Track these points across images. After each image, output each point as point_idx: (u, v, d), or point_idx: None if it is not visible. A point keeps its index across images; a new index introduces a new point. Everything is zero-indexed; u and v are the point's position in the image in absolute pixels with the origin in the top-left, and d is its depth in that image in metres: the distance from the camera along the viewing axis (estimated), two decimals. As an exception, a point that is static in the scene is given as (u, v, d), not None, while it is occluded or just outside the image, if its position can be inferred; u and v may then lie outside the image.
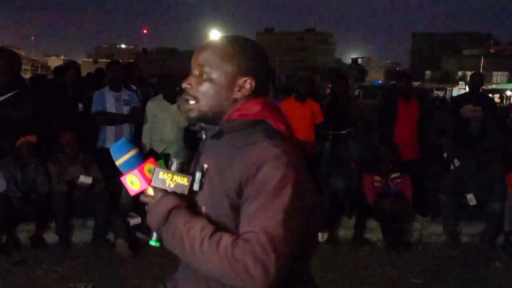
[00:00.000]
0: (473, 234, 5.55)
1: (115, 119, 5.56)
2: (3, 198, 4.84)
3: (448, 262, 5.00)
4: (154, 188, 1.36)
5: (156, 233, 1.37)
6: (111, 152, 1.41)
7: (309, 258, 1.44)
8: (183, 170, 1.38)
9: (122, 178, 1.39)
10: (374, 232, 5.47)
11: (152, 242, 1.39)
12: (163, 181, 1.35)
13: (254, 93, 1.41)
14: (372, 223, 5.48)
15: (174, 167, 1.38)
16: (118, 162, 1.39)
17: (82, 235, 5.18)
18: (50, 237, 5.05)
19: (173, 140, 5.74)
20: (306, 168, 1.35)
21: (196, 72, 1.43)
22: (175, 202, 1.33)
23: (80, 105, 5.65)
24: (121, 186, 5.24)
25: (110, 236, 5.08)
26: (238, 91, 1.40)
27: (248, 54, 1.41)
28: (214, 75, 1.40)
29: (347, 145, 6.06)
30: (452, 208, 5.45)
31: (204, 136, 1.47)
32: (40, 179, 5.08)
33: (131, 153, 1.38)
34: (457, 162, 5.66)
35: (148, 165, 1.38)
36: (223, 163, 1.32)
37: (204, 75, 1.41)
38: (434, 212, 5.66)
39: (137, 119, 5.67)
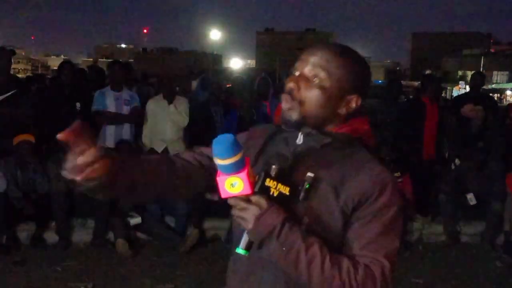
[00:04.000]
0: (473, 234, 5.55)
1: (115, 119, 5.56)
2: (3, 198, 4.84)
3: (448, 262, 5.00)
4: (258, 194, 1.24)
5: (249, 240, 1.26)
6: (216, 150, 1.20)
7: None
8: (282, 176, 1.27)
9: (219, 179, 1.23)
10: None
11: (240, 250, 1.27)
12: (268, 189, 1.25)
13: (355, 111, 1.37)
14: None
15: (274, 172, 1.26)
16: (222, 162, 1.20)
17: (82, 235, 5.17)
18: (50, 237, 5.05)
19: (173, 140, 5.74)
20: None
21: (307, 73, 1.32)
22: (285, 214, 1.24)
23: (78, 104, 5.65)
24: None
25: (110, 236, 5.08)
26: (344, 106, 1.35)
27: (361, 71, 1.36)
28: (328, 84, 1.31)
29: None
30: (452, 208, 5.45)
31: (301, 140, 1.36)
32: (40, 179, 5.09)
33: (240, 154, 1.21)
34: (458, 162, 5.67)
35: (250, 169, 1.25)
36: (337, 178, 1.29)
37: (317, 80, 1.31)
38: (434, 212, 5.66)
39: (137, 119, 5.68)
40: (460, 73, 68.85)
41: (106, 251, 4.91)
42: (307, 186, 1.26)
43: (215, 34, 56.32)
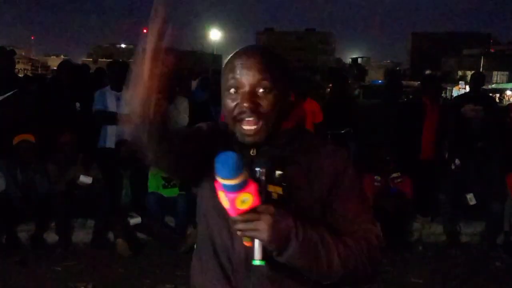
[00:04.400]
0: (473, 234, 5.56)
1: (115, 119, 5.56)
2: (3, 198, 4.84)
3: (448, 262, 5.00)
4: (265, 203, 1.21)
5: (262, 250, 1.22)
6: (221, 171, 1.15)
7: None
8: (270, 178, 1.26)
9: (229, 198, 1.17)
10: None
11: (258, 262, 1.23)
12: (270, 194, 1.25)
13: (293, 105, 1.43)
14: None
15: (264, 176, 1.24)
16: (229, 182, 1.15)
17: (82, 235, 5.18)
18: (50, 237, 5.05)
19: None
20: None
21: (252, 87, 1.31)
22: (290, 213, 1.24)
23: (78, 104, 5.65)
24: (121, 186, 5.28)
25: (110, 236, 5.08)
26: (288, 104, 1.39)
27: (286, 66, 1.41)
28: (276, 89, 1.32)
29: (347, 145, 6.06)
30: (452, 208, 5.45)
31: (255, 152, 1.36)
32: (40, 179, 5.09)
33: (246, 171, 1.16)
34: (458, 162, 5.67)
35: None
36: (304, 170, 1.35)
37: (266, 90, 1.31)
38: (434, 212, 5.66)
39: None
40: (460, 73, 68.83)
41: (106, 251, 4.91)
42: (284, 184, 1.29)
43: (215, 34, 56.31)
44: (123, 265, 4.61)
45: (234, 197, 1.17)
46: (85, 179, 5.10)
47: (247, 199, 1.17)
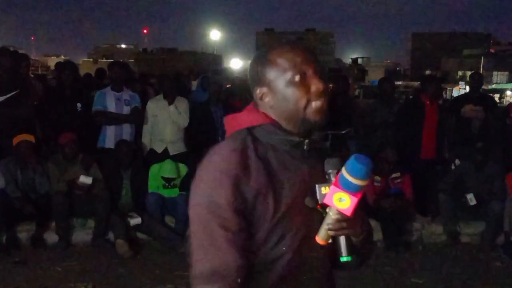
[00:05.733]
0: (473, 234, 5.55)
1: (115, 119, 5.57)
2: (3, 198, 4.84)
3: (448, 262, 5.00)
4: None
5: (348, 245, 1.31)
6: (357, 168, 1.22)
7: None
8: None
9: (355, 199, 1.24)
10: (374, 231, 5.42)
11: (346, 258, 1.31)
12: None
13: None
14: (372, 223, 5.43)
15: (332, 177, 1.30)
16: (358, 182, 1.22)
17: (82, 235, 5.18)
18: (50, 237, 5.05)
19: (173, 140, 5.75)
20: None
21: (319, 73, 1.36)
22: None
23: (79, 105, 5.66)
24: (121, 186, 5.28)
25: (110, 236, 5.08)
26: None
27: None
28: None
29: (347, 145, 6.05)
30: (452, 208, 5.45)
31: (307, 146, 1.38)
32: (40, 179, 5.09)
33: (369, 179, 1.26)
34: (458, 162, 5.67)
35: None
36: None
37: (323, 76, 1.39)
38: (434, 212, 5.66)
39: (137, 119, 5.68)
40: (460, 73, 68.78)
41: (106, 251, 4.91)
42: None
43: (215, 34, 56.35)
44: (123, 265, 4.61)
45: (359, 197, 1.24)
46: (85, 179, 5.10)
47: (345, 200, 1.25)
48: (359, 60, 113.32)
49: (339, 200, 1.24)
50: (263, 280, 1.32)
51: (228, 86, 8.03)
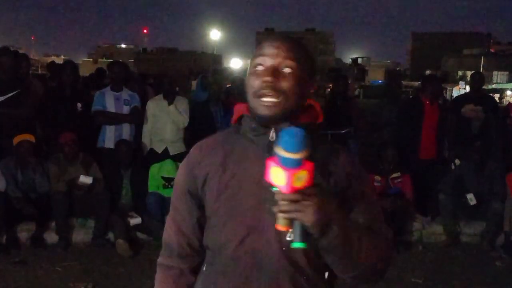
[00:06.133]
0: (473, 234, 5.55)
1: (115, 119, 5.57)
2: (3, 198, 4.84)
3: (448, 262, 5.00)
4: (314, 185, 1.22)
5: (303, 232, 1.21)
6: (287, 143, 1.16)
7: None
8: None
9: (286, 173, 1.16)
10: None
11: (298, 244, 1.21)
12: (315, 177, 1.23)
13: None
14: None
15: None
16: (292, 156, 1.15)
17: (82, 235, 5.18)
18: (50, 237, 5.05)
19: (173, 140, 5.74)
20: None
21: (278, 65, 1.33)
22: (334, 197, 1.28)
23: (79, 105, 5.66)
24: (121, 186, 5.28)
25: (110, 236, 5.08)
26: (307, 94, 1.40)
27: (312, 57, 1.43)
28: (299, 73, 1.34)
29: (347, 145, 6.06)
30: (452, 208, 5.45)
31: (274, 136, 1.34)
32: (40, 179, 5.09)
33: (308, 150, 1.18)
34: (458, 162, 5.67)
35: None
36: (320, 165, 1.31)
37: (289, 70, 1.33)
38: (434, 212, 5.66)
39: (137, 119, 5.68)
40: (460, 73, 68.84)
41: (106, 251, 4.91)
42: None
43: (215, 34, 56.30)
44: (123, 265, 4.61)
45: (293, 172, 1.16)
46: (85, 179, 5.10)
47: (302, 177, 1.17)
48: (359, 60, 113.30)
49: (276, 176, 1.18)
50: (210, 269, 1.43)
51: (228, 86, 8.01)
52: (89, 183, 5.10)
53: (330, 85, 8.97)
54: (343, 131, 6.28)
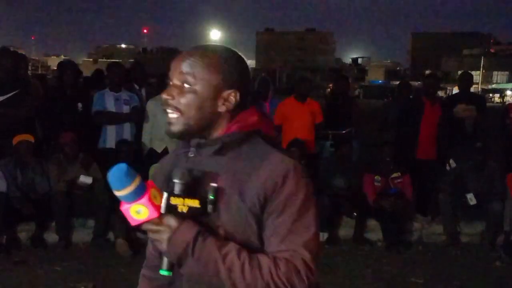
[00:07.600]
0: (473, 234, 5.55)
1: (115, 118, 5.57)
2: (3, 198, 4.84)
3: (448, 262, 5.00)
4: (166, 215, 1.24)
5: (169, 261, 1.28)
6: (110, 182, 1.23)
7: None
8: (187, 191, 1.26)
9: (123, 209, 1.23)
10: (374, 231, 5.47)
11: (164, 272, 1.29)
12: (175, 207, 1.23)
13: (238, 107, 1.35)
14: (372, 223, 5.49)
15: (177, 189, 1.25)
16: (119, 193, 1.22)
17: (82, 235, 5.18)
18: (50, 237, 5.05)
19: (173, 140, 5.74)
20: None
21: (177, 82, 1.33)
22: (197, 228, 1.24)
23: (80, 105, 5.66)
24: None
25: (110, 236, 5.08)
26: (223, 104, 1.33)
27: (232, 66, 1.34)
28: (198, 86, 1.31)
29: (351, 144, 6.05)
30: (452, 208, 5.45)
31: (192, 153, 1.36)
32: (40, 179, 5.09)
33: (136, 182, 1.20)
34: (453, 163, 5.65)
35: (153, 191, 1.23)
36: (239, 180, 1.27)
37: (187, 86, 1.32)
38: (434, 212, 5.66)
39: (138, 118, 5.68)
40: (460, 73, 68.86)
41: (106, 251, 4.91)
42: (211, 197, 1.24)
43: (215, 34, 56.36)
44: (123, 265, 4.61)
45: (127, 207, 1.22)
46: (85, 179, 5.10)
47: (141, 210, 1.22)
48: (359, 60, 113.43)
49: (137, 213, 1.24)
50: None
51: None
52: (89, 183, 5.10)
53: (330, 85, 8.98)
54: (343, 131, 6.28)
